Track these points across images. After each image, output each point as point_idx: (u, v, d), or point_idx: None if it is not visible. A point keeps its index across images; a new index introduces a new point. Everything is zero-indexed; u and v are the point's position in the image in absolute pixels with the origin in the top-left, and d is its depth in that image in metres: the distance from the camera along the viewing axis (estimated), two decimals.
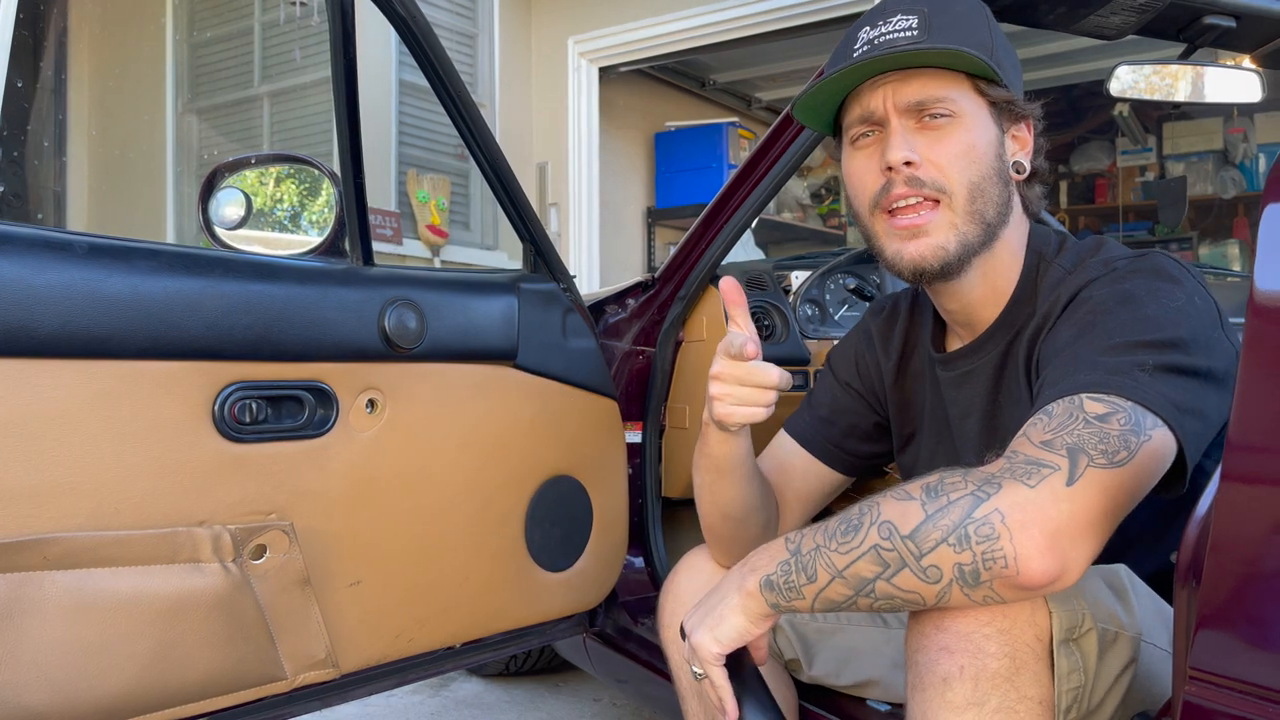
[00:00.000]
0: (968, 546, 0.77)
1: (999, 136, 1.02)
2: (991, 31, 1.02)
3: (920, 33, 0.98)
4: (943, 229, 1.00)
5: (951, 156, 0.99)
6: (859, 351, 1.26)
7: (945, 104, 0.99)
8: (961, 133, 1.00)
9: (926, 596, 0.81)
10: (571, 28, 4.89)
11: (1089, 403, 0.83)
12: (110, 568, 1.00)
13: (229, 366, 1.09)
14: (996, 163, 1.01)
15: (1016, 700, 0.81)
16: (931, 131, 1.00)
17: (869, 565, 0.82)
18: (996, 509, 0.77)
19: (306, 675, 1.16)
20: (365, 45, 3.99)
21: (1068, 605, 0.84)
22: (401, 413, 1.24)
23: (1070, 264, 1.02)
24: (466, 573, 1.32)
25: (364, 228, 1.26)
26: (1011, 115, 1.03)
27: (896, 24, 0.99)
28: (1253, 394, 0.65)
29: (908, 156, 0.99)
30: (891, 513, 0.82)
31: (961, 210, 1.00)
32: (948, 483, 0.81)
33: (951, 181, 0.99)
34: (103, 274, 0.99)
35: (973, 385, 1.09)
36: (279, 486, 1.13)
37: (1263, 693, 0.63)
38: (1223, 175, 5.63)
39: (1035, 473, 0.78)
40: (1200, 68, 1.51)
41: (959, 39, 0.98)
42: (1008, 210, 1.03)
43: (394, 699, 2.27)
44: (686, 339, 1.78)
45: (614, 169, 5.29)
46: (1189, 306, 0.91)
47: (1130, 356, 0.86)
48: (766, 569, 0.90)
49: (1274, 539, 0.64)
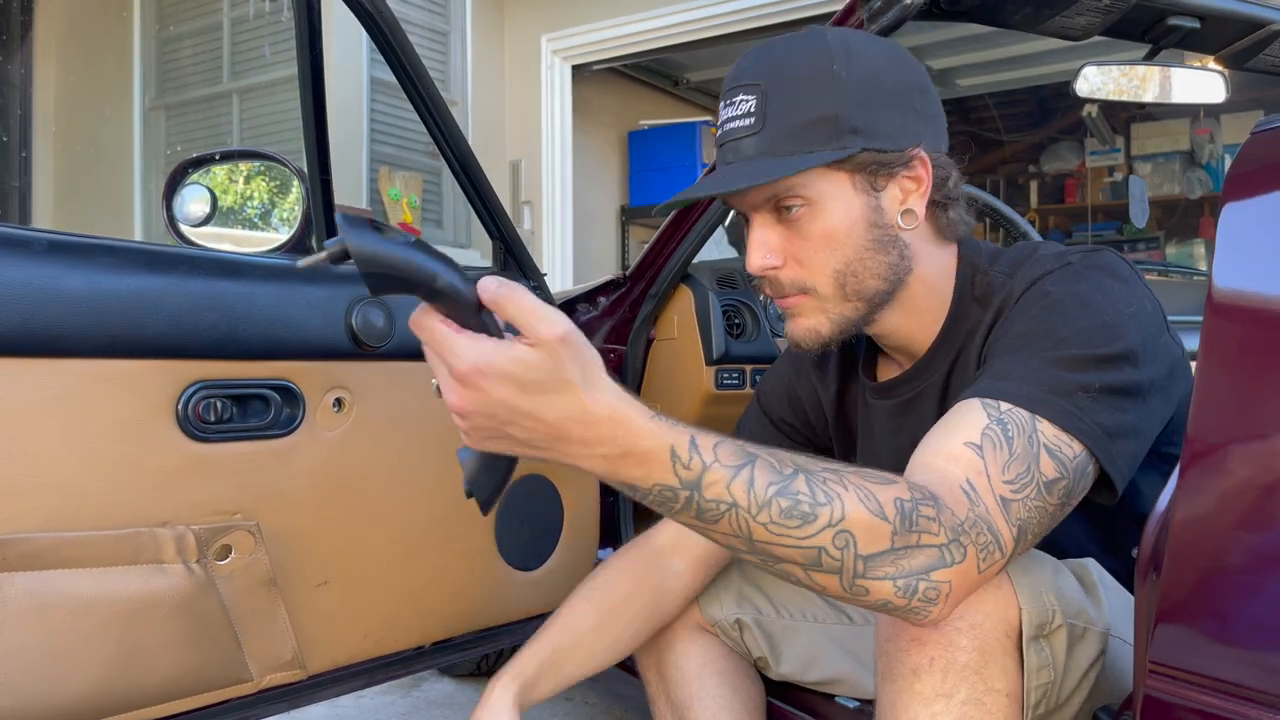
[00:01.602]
0: (908, 597, 0.77)
1: (868, 204, 0.96)
2: (842, 88, 0.93)
3: (756, 121, 0.94)
4: (813, 313, 0.99)
5: (810, 250, 0.96)
6: (790, 384, 1.23)
7: (794, 194, 0.95)
8: (817, 221, 0.95)
9: (825, 590, 0.77)
10: (544, 25, 4.87)
11: (1045, 458, 0.82)
12: (71, 569, 0.98)
13: (193, 365, 1.07)
14: (870, 234, 0.96)
15: (985, 693, 0.82)
16: (789, 224, 0.96)
17: (797, 556, 0.74)
18: (950, 581, 0.77)
19: (273, 676, 1.15)
20: (337, 41, 3.97)
21: (1038, 602, 0.84)
22: (369, 412, 1.23)
23: (1008, 267, 1.00)
24: (436, 572, 1.31)
25: (331, 224, 1.25)
26: (887, 170, 0.96)
27: (738, 107, 0.96)
28: (1211, 390, 0.66)
29: (762, 265, 0.98)
30: (857, 522, 0.74)
31: (831, 298, 0.98)
32: (923, 515, 0.75)
33: (812, 276, 0.97)
34: (61, 271, 0.98)
35: (919, 411, 1.06)
36: (244, 486, 1.12)
37: (1222, 686, 0.64)
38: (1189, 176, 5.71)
39: (989, 555, 0.79)
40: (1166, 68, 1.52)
41: (795, 116, 0.93)
42: (902, 266, 0.99)
43: (364, 700, 2.25)
44: (658, 337, 1.78)
45: (587, 167, 5.28)
46: (1140, 312, 0.91)
47: (1077, 375, 0.85)
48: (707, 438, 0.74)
49: (1233, 533, 0.64)
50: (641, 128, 5.53)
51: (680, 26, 4.54)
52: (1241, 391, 0.65)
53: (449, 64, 4.69)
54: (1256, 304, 0.65)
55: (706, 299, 1.74)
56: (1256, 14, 1.43)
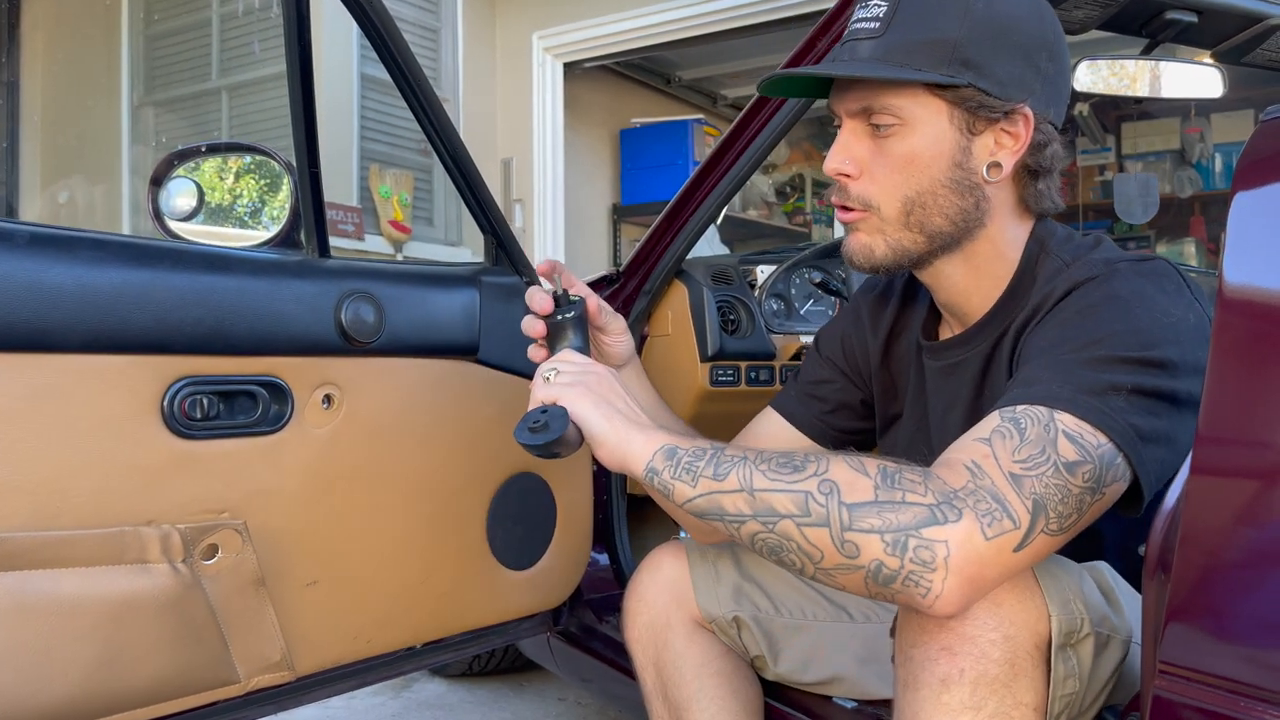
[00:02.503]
0: (899, 556, 0.75)
1: (959, 142, 0.95)
2: (966, 21, 0.93)
3: (880, 26, 0.94)
4: (870, 231, 0.99)
5: (887, 169, 0.96)
6: (845, 330, 1.23)
7: (889, 111, 0.95)
8: (904, 142, 0.95)
9: (819, 562, 0.79)
10: (536, 23, 4.85)
11: (1063, 441, 0.80)
12: (54, 569, 0.96)
13: (179, 361, 1.05)
14: (951, 172, 0.95)
15: (1012, 706, 0.80)
16: (877, 138, 0.97)
17: (789, 503, 0.80)
18: (946, 541, 0.75)
19: (261, 678, 1.13)
20: (327, 39, 3.94)
21: (1067, 609, 0.82)
22: (359, 408, 1.21)
23: (1069, 255, 0.98)
24: (427, 572, 1.30)
25: (320, 218, 1.23)
26: (988, 114, 0.94)
27: (871, 9, 0.96)
28: (1222, 385, 0.64)
29: (837, 168, 0.98)
30: (840, 475, 0.80)
31: (892, 222, 0.98)
32: (906, 478, 0.78)
33: (881, 195, 0.97)
34: (45, 264, 0.96)
35: (960, 377, 1.05)
36: (231, 484, 1.10)
37: (1233, 686, 0.63)
38: (1180, 175, 5.71)
39: (996, 522, 0.76)
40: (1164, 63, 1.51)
41: (918, 32, 0.93)
42: (974, 217, 0.97)
43: (354, 701, 2.23)
44: (651, 334, 1.77)
45: (579, 165, 5.26)
46: (1183, 323, 0.87)
47: (1109, 374, 0.83)
48: (679, 443, 0.88)
49: (1244, 532, 0.63)
50: (633, 126, 5.51)
51: (671, 24, 4.52)
52: (1253, 387, 0.64)
53: (440, 61, 4.66)
54: (1268, 296, 0.64)
55: (701, 295, 1.73)
56: (1255, 8, 1.42)
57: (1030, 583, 0.83)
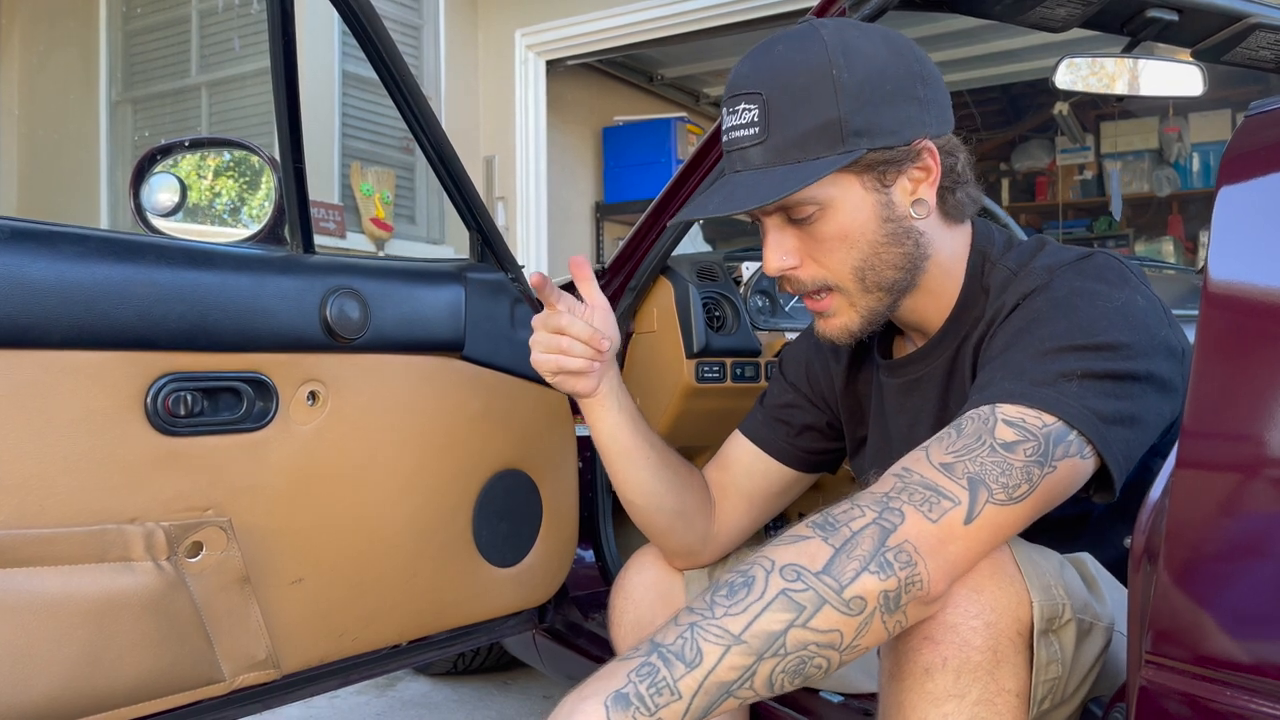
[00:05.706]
0: (892, 573, 0.76)
1: (879, 200, 0.96)
2: (842, 92, 0.92)
3: (760, 131, 0.94)
4: (843, 311, 1.01)
5: (826, 250, 0.97)
6: (809, 355, 1.23)
7: (805, 202, 0.95)
8: (830, 223, 0.96)
9: (846, 634, 0.76)
10: (518, 20, 4.84)
11: (1001, 426, 0.82)
12: (36, 567, 0.95)
13: (162, 357, 1.04)
14: (883, 229, 0.97)
15: (996, 693, 0.81)
16: (803, 226, 0.97)
17: (778, 615, 0.75)
18: (907, 539, 0.77)
19: (246, 676, 1.12)
20: (308, 35, 3.92)
21: (1048, 594, 0.83)
22: (344, 405, 1.21)
23: (1014, 264, 1.00)
24: (412, 569, 1.29)
25: (304, 214, 1.23)
26: (895, 166, 0.95)
27: (741, 116, 0.96)
28: (1207, 379, 0.65)
29: (780, 266, 0.99)
30: (789, 556, 0.77)
31: (855, 292, 0.99)
32: (839, 515, 0.79)
33: (833, 274, 0.98)
34: (25, 259, 0.95)
35: (922, 392, 1.07)
36: (216, 482, 1.09)
37: (1219, 676, 0.63)
38: (1158, 174, 5.76)
39: (935, 505, 0.79)
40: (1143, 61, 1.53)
41: (800, 123, 0.93)
42: (919, 254, 0.99)
43: (339, 700, 2.22)
44: (637, 330, 1.76)
45: (562, 163, 5.25)
46: (1129, 308, 0.89)
47: (1057, 364, 0.85)
48: (613, 684, 0.75)
49: (1230, 524, 0.64)
50: (616, 124, 5.51)
51: (654, 22, 4.52)
52: (1238, 380, 0.64)
53: (422, 59, 4.65)
54: (1253, 290, 0.64)
55: (687, 292, 1.73)
56: (1234, 7, 1.44)
57: (1011, 569, 0.83)
